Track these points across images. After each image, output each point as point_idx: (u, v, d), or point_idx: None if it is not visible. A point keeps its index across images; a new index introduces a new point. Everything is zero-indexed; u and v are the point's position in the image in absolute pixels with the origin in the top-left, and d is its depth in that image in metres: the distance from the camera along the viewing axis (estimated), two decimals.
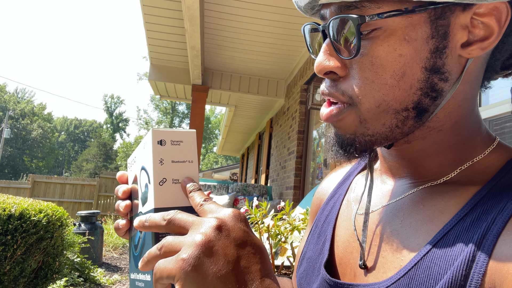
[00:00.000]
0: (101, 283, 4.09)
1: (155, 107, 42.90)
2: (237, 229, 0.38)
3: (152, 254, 0.39)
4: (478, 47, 0.42)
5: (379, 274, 0.45)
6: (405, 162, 0.50)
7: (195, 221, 0.38)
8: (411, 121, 0.44)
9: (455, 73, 0.43)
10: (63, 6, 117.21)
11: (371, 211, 0.52)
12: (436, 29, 0.41)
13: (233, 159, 40.08)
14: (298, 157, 5.28)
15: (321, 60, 0.45)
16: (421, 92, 0.42)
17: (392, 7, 0.41)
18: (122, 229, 0.50)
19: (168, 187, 0.43)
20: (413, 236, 0.44)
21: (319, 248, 0.57)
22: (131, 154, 0.55)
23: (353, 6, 0.42)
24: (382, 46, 0.42)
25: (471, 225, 0.40)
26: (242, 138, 12.36)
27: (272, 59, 5.44)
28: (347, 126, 0.46)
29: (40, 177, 12.87)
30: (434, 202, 0.45)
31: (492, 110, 2.06)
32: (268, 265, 0.39)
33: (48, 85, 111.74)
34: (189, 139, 0.45)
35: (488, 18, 0.41)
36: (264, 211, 2.74)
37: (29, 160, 48.32)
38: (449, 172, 0.47)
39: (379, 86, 0.42)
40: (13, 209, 2.62)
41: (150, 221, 0.40)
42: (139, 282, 0.46)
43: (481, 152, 0.46)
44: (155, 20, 4.53)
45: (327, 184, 0.68)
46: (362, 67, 0.43)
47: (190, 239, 0.36)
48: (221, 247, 0.36)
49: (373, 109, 0.43)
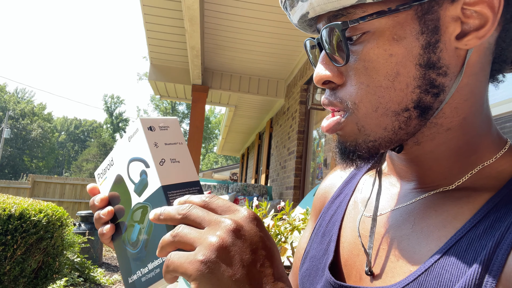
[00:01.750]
0: (101, 283, 4.09)
1: (155, 107, 42.92)
2: (253, 233, 0.38)
3: (166, 241, 0.39)
4: (474, 36, 0.41)
5: (387, 278, 0.44)
6: (414, 166, 0.49)
7: (211, 219, 0.38)
8: (415, 120, 0.43)
9: (455, 66, 0.42)
10: (63, 6, 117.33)
11: (380, 214, 0.51)
12: (425, 24, 0.40)
13: (233, 159, 40.07)
14: (298, 157, 5.28)
15: (318, 70, 0.46)
16: (419, 90, 0.42)
17: (376, 9, 0.41)
18: (107, 234, 0.50)
19: (168, 166, 0.45)
20: (425, 242, 0.43)
21: (323, 248, 0.57)
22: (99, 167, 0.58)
23: (340, 14, 0.43)
24: (373, 48, 0.41)
25: (484, 232, 0.39)
26: (242, 138, 12.36)
27: (272, 59, 5.44)
28: (347, 135, 0.46)
29: (40, 177, 12.86)
30: (447, 208, 0.44)
31: (492, 110, 2.06)
32: (280, 268, 0.39)
33: (48, 85, 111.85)
34: (174, 124, 0.48)
35: (480, 6, 0.40)
36: (264, 211, 2.75)
37: (29, 160, 48.31)
38: (459, 176, 0.46)
39: (374, 89, 0.42)
40: (13, 209, 2.62)
41: (165, 214, 0.40)
42: (150, 274, 0.46)
43: (492, 155, 0.45)
44: (155, 20, 4.53)
45: (332, 181, 0.67)
46: (357, 73, 0.43)
47: (207, 240, 0.37)
48: (237, 252, 0.36)
49: (371, 113, 0.43)
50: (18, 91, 51.61)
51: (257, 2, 3.97)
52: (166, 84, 6.26)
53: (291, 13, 0.48)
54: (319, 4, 0.42)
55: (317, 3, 0.42)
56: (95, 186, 0.54)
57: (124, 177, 0.50)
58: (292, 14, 0.47)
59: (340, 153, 0.47)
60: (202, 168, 41.81)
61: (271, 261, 0.38)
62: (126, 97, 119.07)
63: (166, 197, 0.43)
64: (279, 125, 6.80)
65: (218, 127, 42.87)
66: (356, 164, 0.47)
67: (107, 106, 52.02)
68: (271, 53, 5.23)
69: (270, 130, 7.95)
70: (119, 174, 0.50)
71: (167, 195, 0.43)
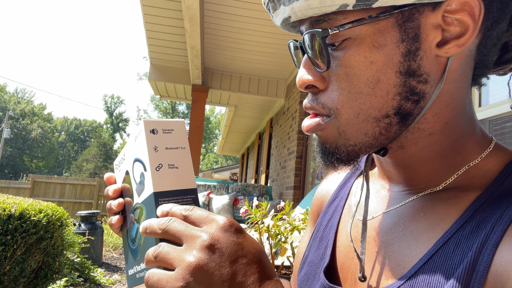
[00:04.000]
0: (101, 283, 4.09)
1: (155, 107, 42.92)
2: (230, 244, 0.38)
3: (148, 258, 0.40)
4: (455, 44, 0.41)
5: (380, 281, 0.45)
6: (400, 168, 0.49)
7: (188, 234, 0.39)
8: (395, 126, 0.43)
9: (435, 74, 0.42)
10: (63, 6, 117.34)
11: (372, 217, 0.52)
12: (406, 32, 0.40)
13: (233, 159, 40.07)
14: (298, 157, 5.28)
15: (301, 75, 0.46)
16: (400, 97, 0.42)
17: (357, 16, 0.41)
18: (115, 224, 0.52)
19: (165, 172, 0.44)
20: (415, 245, 0.43)
21: (320, 253, 0.57)
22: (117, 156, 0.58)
23: (322, 20, 0.43)
24: (353, 55, 0.42)
25: (470, 233, 0.39)
26: (242, 138, 12.36)
27: (272, 59, 5.44)
28: (328, 137, 0.46)
29: (40, 177, 12.86)
30: (435, 209, 0.44)
31: (492, 110, 2.06)
32: (267, 269, 0.39)
33: (48, 85, 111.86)
34: (179, 127, 0.47)
35: (461, 14, 0.40)
36: (264, 211, 2.74)
37: (29, 160, 48.31)
38: (446, 177, 0.46)
39: (355, 96, 0.42)
40: (13, 209, 2.62)
41: (150, 228, 0.41)
42: (141, 273, 0.47)
43: (477, 155, 0.46)
44: (155, 20, 4.53)
45: (328, 186, 0.68)
46: (338, 79, 0.43)
47: (183, 260, 0.37)
48: (215, 268, 0.36)
49: (352, 119, 0.43)
50: (18, 91, 51.62)
51: (257, 2, 3.97)
52: (166, 84, 6.26)
53: (274, 15, 0.48)
54: (300, 9, 0.42)
55: (299, 9, 0.42)
56: (112, 175, 0.55)
57: (130, 174, 0.50)
58: (275, 16, 0.48)
59: (321, 153, 0.47)
60: (202, 168, 41.81)
61: (254, 266, 0.38)
62: (126, 97, 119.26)
63: (156, 203, 0.43)
64: (279, 125, 6.80)
65: (218, 127, 42.88)
66: (335, 167, 0.47)
67: (107, 106, 52.03)
68: (271, 53, 5.23)
69: (270, 130, 7.95)
70: (127, 170, 0.51)
71: (158, 201, 0.43)
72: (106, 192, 0.53)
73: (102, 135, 52.05)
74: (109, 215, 0.53)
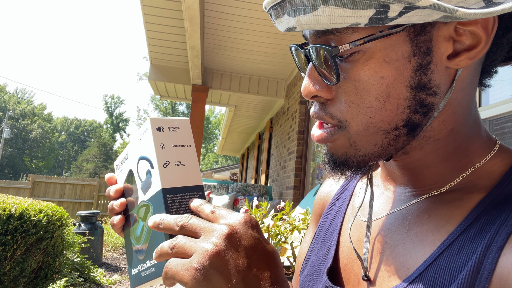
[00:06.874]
0: (101, 283, 4.09)
1: (155, 107, 42.91)
2: (247, 236, 0.38)
3: (164, 251, 0.40)
4: (466, 57, 0.40)
5: (384, 282, 0.45)
6: (405, 171, 0.49)
7: (206, 227, 0.39)
8: (404, 137, 0.43)
9: (444, 85, 0.42)
10: (63, 6, 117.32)
11: (375, 218, 0.52)
12: (417, 46, 0.40)
13: (233, 159, 40.07)
14: (298, 157, 5.28)
15: (306, 84, 0.45)
16: (409, 110, 0.41)
17: (368, 32, 0.39)
18: (117, 224, 0.52)
19: (172, 169, 0.45)
20: (419, 246, 0.43)
21: (323, 254, 0.57)
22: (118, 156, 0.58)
23: (329, 31, 0.41)
24: (363, 69, 0.41)
25: (475, 235, 0.39)
26: (242, 138, 12.36)
27: (272, 59, 5.44)
28: (338, 147, 0.45)
29: (40, 177, 12.86)
30: (440, 212, 0.44)
31: (492, 110, 2.06)
32: (279, 271, 0.39)
33: (48, 85, 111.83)
34: (185, 125, 0.48)
35: (474, 27, 0.39)
36: (264, 211, 2.74)
37: (29, 160, 48.30)
38: (451, 180, 0.46)
39: (365, 110, 0.42)
40: (13, 209, 2.62)
41: (164, 224, 0.41)
42: (147, 271, 0.47)
43: (482, 157, 0.45)
44: (155, 20, 4.53)
45: (330, 187, 0.67)
46: (346, 91, 0.42)
47: (201, 247, 0.37)
48: (231, 257, 0.37)
49: (362, 131, 0.43)
50: (18, 91, 51.63)
51: (257, 2, 3.97)
52: (166, 84, 6.26)
53: (276, 22, 0.46)
54: (307, 23, 0.40)
55: (306, 22, 0.40)
56: (113, 176, 0.55)
57: (134, 173, 0.50)
58: (278, 23, 0.46)
59: (331, 164, 0.47)
60: (202, 168, 41.77)
61: (268, 264, 0.38)
62: (126, 97, 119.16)
63: (165, 200, 0.43)
64: (279, 125, 6.80)
65: (218, 127, 42.87)
66: (345, 175, 0.47)
67: (107, 106, 52.02)
68: (271, 53, 5.23)
69: (270, 130, 7.94)
70: (131, 170, 0.51)
71: (166, 198, 0.44)
72: (107, 193, 0.53)
73: (102, 135, 52.04)
74: (111, 215, 0.53)
